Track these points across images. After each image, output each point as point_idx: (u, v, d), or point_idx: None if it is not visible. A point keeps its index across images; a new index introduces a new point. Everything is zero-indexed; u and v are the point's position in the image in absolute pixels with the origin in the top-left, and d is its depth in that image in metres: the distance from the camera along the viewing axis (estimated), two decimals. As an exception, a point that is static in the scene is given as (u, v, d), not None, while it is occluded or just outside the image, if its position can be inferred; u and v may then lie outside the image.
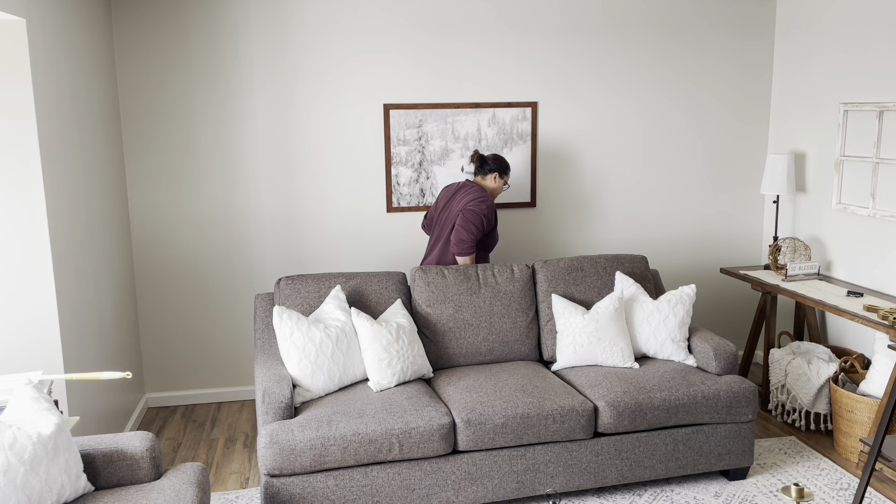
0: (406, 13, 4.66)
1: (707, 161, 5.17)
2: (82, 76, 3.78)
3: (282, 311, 3.46)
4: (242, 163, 4.64)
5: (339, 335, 3.49)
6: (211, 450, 4.17)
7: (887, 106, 4.13)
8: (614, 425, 3.41)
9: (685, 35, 4.98)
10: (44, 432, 2.43)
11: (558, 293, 3.97)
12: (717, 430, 3.58)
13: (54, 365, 3.25)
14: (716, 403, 3.53)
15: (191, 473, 2.75)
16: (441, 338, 3.83)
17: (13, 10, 2.88)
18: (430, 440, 3.21)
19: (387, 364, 3.49)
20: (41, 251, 3.17)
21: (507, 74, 4.82)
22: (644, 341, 3.86)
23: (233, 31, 4.50)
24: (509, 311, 3.90)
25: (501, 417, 3.29)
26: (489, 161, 4.21)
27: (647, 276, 4.14)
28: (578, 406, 3.38)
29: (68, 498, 2.50)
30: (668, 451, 3.53)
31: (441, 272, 3.90)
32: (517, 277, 3.96)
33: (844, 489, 3.63)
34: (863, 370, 4.18)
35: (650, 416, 3.44)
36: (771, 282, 4.52)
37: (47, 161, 3.21)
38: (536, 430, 3.33)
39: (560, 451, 3.40)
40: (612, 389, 3.48)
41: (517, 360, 3.92)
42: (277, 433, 3.10)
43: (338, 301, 3.65)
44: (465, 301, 3.85)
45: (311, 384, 3.41)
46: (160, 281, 4.67)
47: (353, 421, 3.18)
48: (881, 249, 4.27)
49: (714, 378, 3.64)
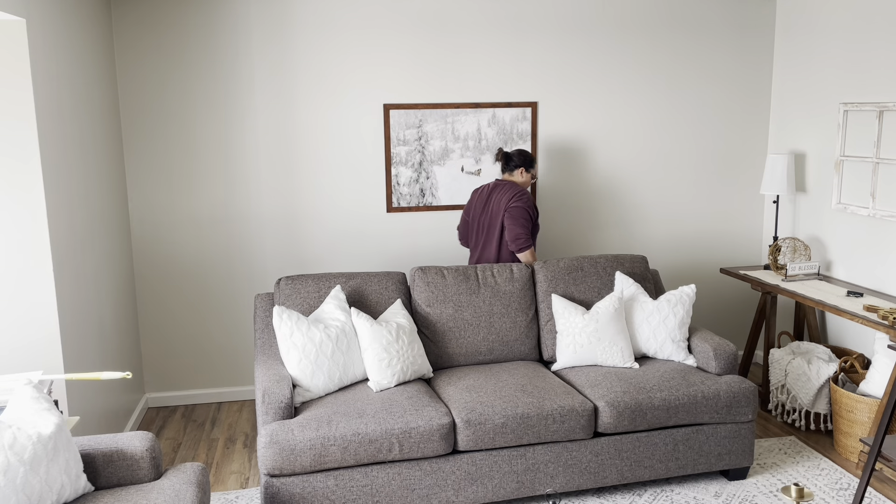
0: (406, 13, 4.66)
1: (707, 161, 5.17)
2: (82, 76, 3.78)
3: (282, 311, 3.46)
4: (242, 163, 4.64)
5: (339, 335, 3.49)
6: (211, 450, 4.17)
7: (887, 106, 4.13)
8: (614, 425, 3.41)
9: (685, 35, 4.98)
10: (44, 432, 2.43)
11: (558, 293, 3.96)
12: (717, 430, 3.58)
13: (54, 365, 3.25)
14: (716, 403, 3.52)
15: (191, 473, 2.75)
16: (441, 338, 3.83)
17: (13, 10, 2.88)
18: (430, 440, 3.21)
19: (387, 364, 3.49)
20: (41, 251, 3.17)
21: (507, 74, 4.82)
22: (644, 341, 3.86)
23: (233, 31, 4.50)
24: (509, 311, 3.90)
25: (501, 417, 3.28)
26: (514, 157, 4.25)
27: (647, 277, 4.14)
28: (578, 406, 3.38)
29: (68, 498, 2.50)
30: (668, 451, 3.53)
31: (441, 272, 3.90)
32: (517, 277, 3.95)
33: (844, 489, 3.63)
34: (863, 370, 4.18)
35: (650, 416, 3.44)
36: (771, 282, 4.52)
37: (47, 161, 3.21)
38: (536, 430, 3.32)
39: (560, 451, 3.40)
40: (612, 389, 3.48)
41: (517, 360, 3.92)
42: (277, 433, 3.10)
43: (338, 301, 3.65)
44: (464, 301, 3.85)
45: (310, 384, 3.40)
46: (160, 281, 4.67)
47: (353, 421, 3.17)
48: (881, 249, 4.27)
49: (714, 378, 3.64)
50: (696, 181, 5.18)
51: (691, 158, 5.15)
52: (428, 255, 4.92)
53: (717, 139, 5.16)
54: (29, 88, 3.05)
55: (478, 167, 4.87)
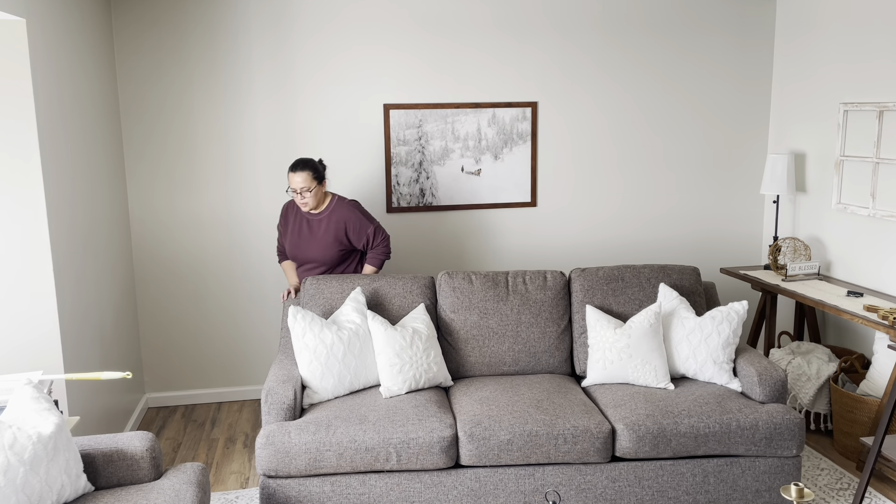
0: (406, 13, 4.66)
1: (707, 161, 5.17)
2: (82, 76, 3.78)
3: (296, 311, 3.42)
4: (242, 162, 4.64)
5: (352, 338, 3.41)
6: (211, 450, 4.17)
7: (887, 106, 4.13)
8: (634, 450, 3.16)
9: (685, 35, 4.98)
10: (44, 432, 2.43)
11: (595, 304, 3.72)
12: (756, 464, 3.25)
13: (54, 365, 3.25)
14: (753, 435, 3.20)
15: (191, 473, 2.75)
16: (463, 346, 3.66)
17: (13, 10, 2.88)
18: (430, 452, 3.09)
19: (398, 370, 3.39)
20: (41, 251, 3.17)
21: (507, 74, 4.82)
22: (682, 361, 3.55)
23: (233, 31, 4.50)
24: (538, 321, 3.69)
25: (507, 433, 3.11)
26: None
27: (696, 290, 3.82)
28: (594, 427, 3.15)
29: (68, 498, 2.50)
30: (696, 482, 3.23)
31: (469, 277, 3.73)
32: (549, 285, 3.74)
33: (844, 489, 3.63)
34: (863, 370, 4.18)
35: (675, 444, 3.17)
36: (771, 282, 4.52)
37: (47, 161, 3.21)
38: (545, 449, 3.13)
39: (573, 473, 3.18)
40: (636, 411, 3.23)
41: (545, 373, 3.71)
42: (275, 434, 3.07)
43: (356, 303, 3.56)
44: (490, 308, 3.67)
45: (319, 386, 3.36)
46: (160, 281, 4.67)
47: (353, 427, 3.10)
48: (881, 249, 4.27)
49: (755, 406, 3.30)
50: (697, 181, 5.18)
51: (692, 158, 5.15)
52: (428, 254, 4.92)
53: (717, 139, 5.16)
54: (29, 88, 3.05)
55: (478, 167, 4.87)
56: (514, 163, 4.90)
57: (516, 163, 4.90)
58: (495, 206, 4.94)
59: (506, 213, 4.97)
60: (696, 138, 5.13)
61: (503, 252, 5.01)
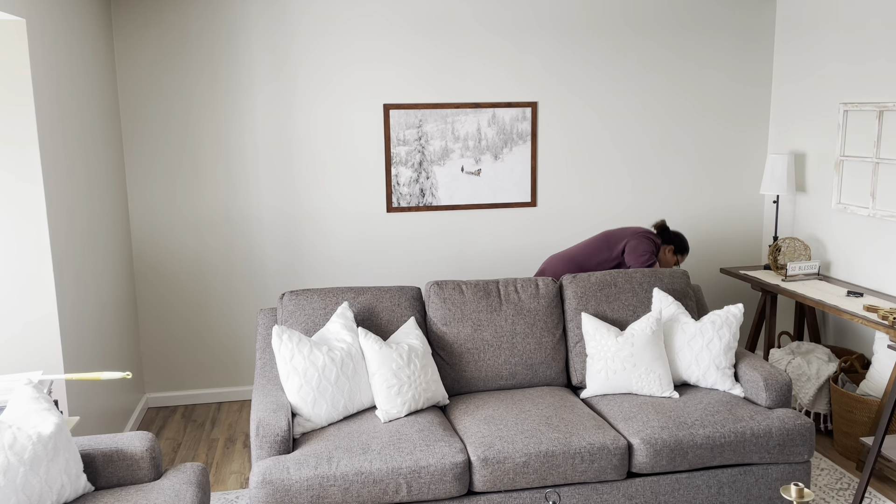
0: (406, 13, 4.66)
1: (707, 161, 5.17)
2: (82, 76, 3.78)
3: (282, 332, 3.11)
4: (242, 162, 4.64)
5: (345, 358, 3.13)
6: (211, 450, 4.17)
7: (887, 106, 4.13)
8: (651, 465, 3.03)
9: (685, 35, 4.98)
10: (44, 432, 2.43)
11: (589, 311, 3.60)
12: (768, 472, 3.18)
13: (54, 365, 3.25)
14: (767, 442, 3.12)
15: (191, 473, 2.75)
16: (458, 360, 3.46)
17: (13, 10, 2.88)
18: (442, 480, 2.87)
19: (396, 391, 3.14)
20: (41, 251, 3.17)
21: (507, 74, 4.82)
22: (685, 368, 3.46)
23: (233, 32, 4.50)
24: (533, 331, 3.53)
25: (523, 455, 2.93)
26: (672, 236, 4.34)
27: (687, 293, 3.75)
28: (610, 443, 3.00)
29: (68, 498, 2.50)
30: (711, 494, 3.14)
31: (458, 287, 3.54)
32: (542, 293, 3.59)
33: (844, 489, 3.63)
34: (863, 370, 4.18)
35: (691, 456, 3.06)
36: (771, 282, 4.52)
37: (47, 161, 3.21)
38: (562, 469, 2.96)
39: (589, 493, 3.03)
40: (649, 424, 3.10)
41: (542, 386, 3.56)
42: (271, 471, 2.79)
43: (344, 320, 3.29)
44: (484, 319, 3.49)
45: (312, 413, 3.06)
46: (160, 281, 4.67)
47: (357, 458, 2.85)
48: (881, 249, 4.27)
49: (764, 412, 3.23)
50: (696, 181, 5.18)
51: (692, 158, 5.15)
52: (428, 254, 4.92)
53: (717, 139, 5.16)
54: (29, 88, 3.05)
55: (478, 167, 4.87)
56: (514, 163, 4.90)
57: (516, 163, 4.90)
58: (495, 206, 4.94)
59: (506, 213, 4.97)
60: (695, 138, 5.13)
61: (503, 252, 5.01)
